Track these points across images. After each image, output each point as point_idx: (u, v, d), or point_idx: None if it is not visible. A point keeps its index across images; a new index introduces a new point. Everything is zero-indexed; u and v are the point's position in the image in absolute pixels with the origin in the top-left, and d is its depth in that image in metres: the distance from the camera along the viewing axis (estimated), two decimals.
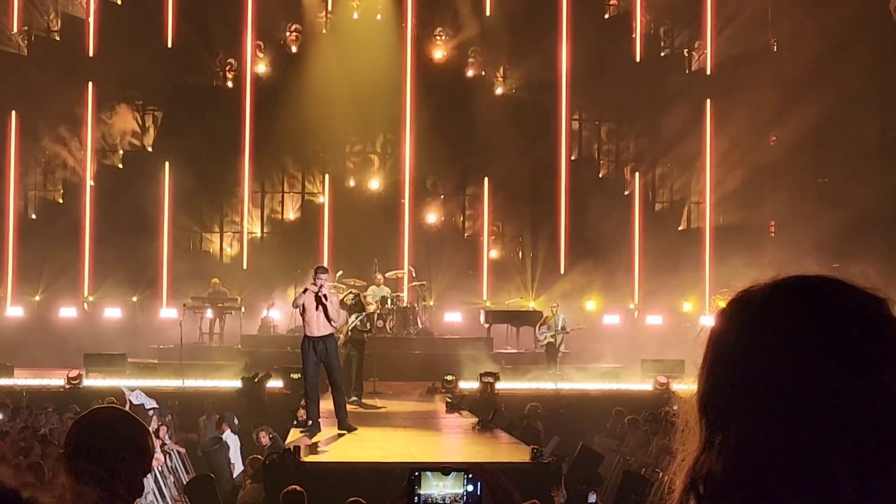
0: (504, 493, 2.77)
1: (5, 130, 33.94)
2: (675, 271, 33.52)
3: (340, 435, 17.37)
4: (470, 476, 2.82)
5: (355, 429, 17.57)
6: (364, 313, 23.21)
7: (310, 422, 17.49)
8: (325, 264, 28.62)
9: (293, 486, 11.22)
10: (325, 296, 17.33)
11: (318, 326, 17.36)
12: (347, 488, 11.99)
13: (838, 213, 31.21)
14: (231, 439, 19.32)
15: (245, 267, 34.08)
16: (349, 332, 23.10)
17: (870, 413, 1.55)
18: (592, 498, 14.15)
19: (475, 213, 36.77)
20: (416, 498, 2.82)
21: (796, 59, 34.95)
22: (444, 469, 2.84)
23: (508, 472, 11.27)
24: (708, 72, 35.71)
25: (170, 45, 34.10)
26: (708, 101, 35.51)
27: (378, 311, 27.27)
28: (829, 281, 1.73)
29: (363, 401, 22.65)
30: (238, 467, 18.32)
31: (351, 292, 23.97)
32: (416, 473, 2.86)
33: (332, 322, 17.67)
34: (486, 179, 35.29)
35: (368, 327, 23.33)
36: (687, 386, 1.81)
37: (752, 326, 1.67)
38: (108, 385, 23.93)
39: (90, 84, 34.13)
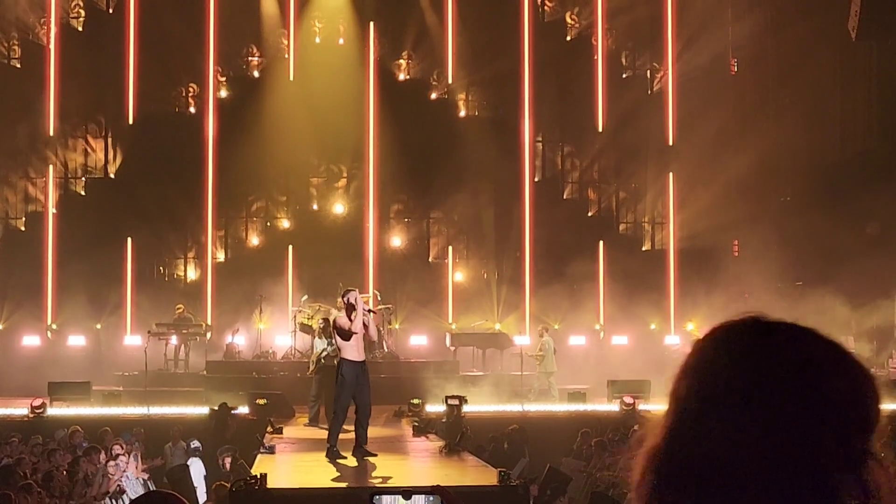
0: None
1: None
2: (639, 292, 33.62)
3: (308, 461, 17.26)
4: (431, 499, 2.78)
5: (375, 454, 17.27)
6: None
7: (329, 447, 17.14)
8: (292, 289, 28.68)
9: None
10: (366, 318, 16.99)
11: (361, 350, 17.13)
12: None
13: (800, 233, 31.38)
14: (196, 464, 19.18)
15: (209, 293, 33.93)
16: (321, 360, 23.02)
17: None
18: None
19: (440, 236, 36.82)
20: None
21: (757, 79, 35.23)
22: (405, 493, 2.79)
23: (476, 495, 11.25)
24: (670, 93, 35.88)
25: (131, 71, 33.97)
26: (670, 119, 35.70)
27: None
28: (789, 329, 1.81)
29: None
30: (202, 493, 18.18)
31: (324, 318, 23.86)
32: (376, 496, 2.82)
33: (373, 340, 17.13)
34: (449, 202, 35.35)
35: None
36: (654, 407, 1.90)
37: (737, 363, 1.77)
38: (72, 414, 23.75)
39: (51, 111, 33.95)
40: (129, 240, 33.66)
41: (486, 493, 13.68)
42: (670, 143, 35.72)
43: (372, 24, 35.24)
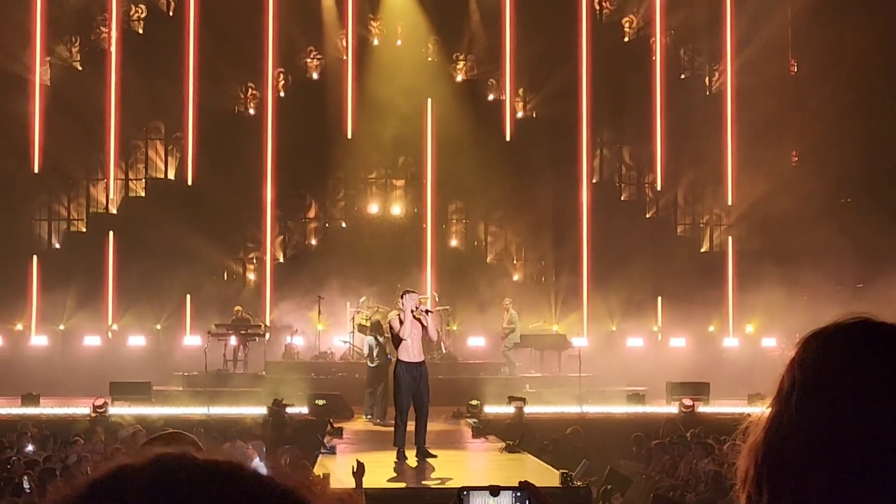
0: None
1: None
2: (698, 293, 33.48)
3: (369, 461, 17.29)
4: (518, 494, 2.79)
5: (435, 455, 17.30)
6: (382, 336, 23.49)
7: (398, 449, 17.19)
8: (360, 290, 29.01)
9: None
10: (420, 318, 17.02)
11: (417, 351, 17.20)
12: None
13: (860, 234, 31.11)
14: (259, 467, 19.26)
15: (268, 293, 34.10)
16: (377, 357, 23.41)
17: None
18: None
19: (498, 237, 36.82)
20: None
21: (817, 79, 34.95)
22: (493, 490, 2.81)
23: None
24: (728, 94, 35.68)
25: (191, 72, 34.18)
26: (729, 120, 35.49)
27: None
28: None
29: (386, 426, 22.57)
30: None
31: (377, 319, 24.37)
32: (465, 493, 2.84)
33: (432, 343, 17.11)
34: (507, 204, 35.39)
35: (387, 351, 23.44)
36: (713, 409, 2.00)
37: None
38: (133, 413, 23.97)
39: (112, 113, 34.24)
40: (189, 241, 33.86)
41: (550, 495, 13.65)
42: (728, 144, 35.48)
43: (430, 25, 35.33)
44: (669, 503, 15.65)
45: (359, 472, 10.71)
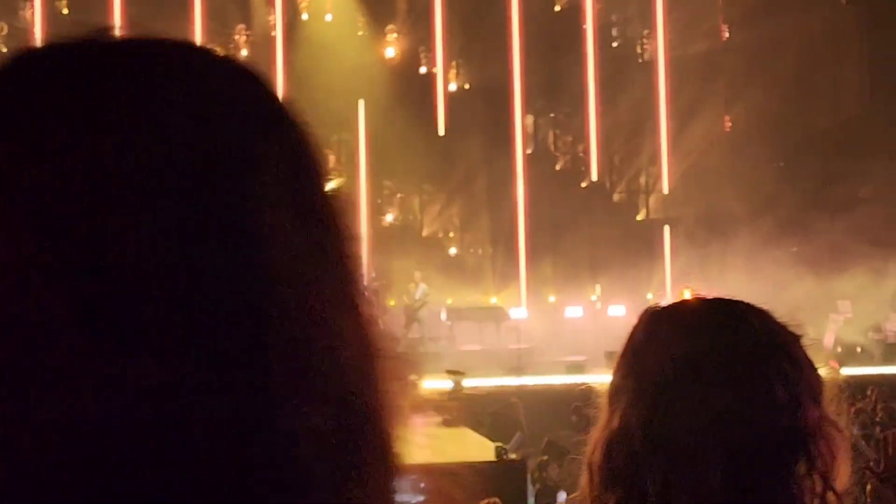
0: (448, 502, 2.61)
1: None
2: (635, 261, 33.52)
3: None
4: (414, 478, 2.64)
5: None
6: None
7: None
8: None
9: None
10: None
11: None
12: None
13: (793, 198, 31.29)
14: None
15: None
16: None
17: (737, 422, 1.73)
18: (562, 497, 14.00)
19: (433, 210, 36.70)
20: None
21: (748, 44, 35.05)
22: None
23: (474, 470, 11.06)
24: (661, 62, 35.68)
25: None
26: (661, 89, 35.50)
27: None
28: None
29: None
30: None
31: None
32: None
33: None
34: (441, 176, 35.28)
35: None
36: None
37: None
38: None
39: None
40: None
41: (484, 469, 13.59)
42: (662, 112, 35.49)
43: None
44: (563, 450, 15.53)
45: None
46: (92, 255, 0.76)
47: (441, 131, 34.72)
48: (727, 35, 37.31)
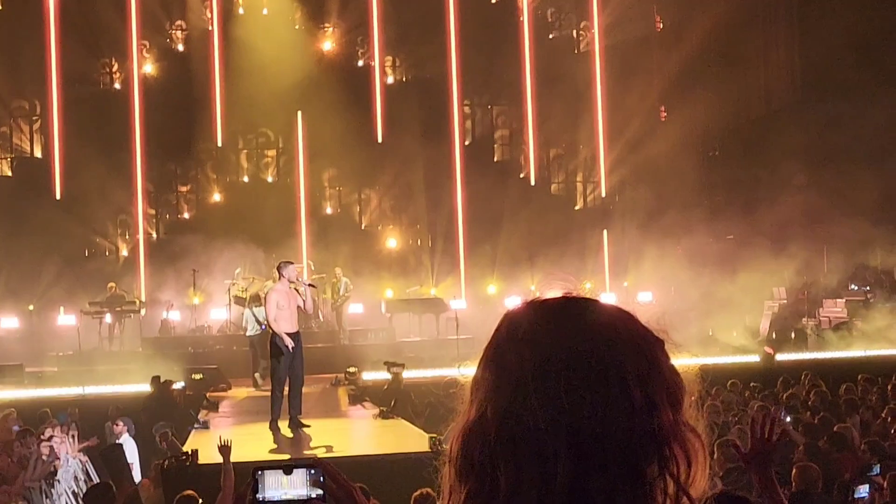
0: (345, 493, 2.69)
1: None
2: (574, 251, 33.74)
3: (242, 434, 17.20)
4: (312, 472, 2.68)
5: (308, 426, 17.19)
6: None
7: (272, 420, 17.10)
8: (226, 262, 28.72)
9: (187, 492, 11.10)
10: (298, 290, 16.95)
11: (294, 322, 17.06)
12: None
13: (728, 186, 31.62)
14: (128, 443, 18.99)
15: (142, 269, 33.67)
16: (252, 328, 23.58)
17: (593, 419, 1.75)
18: None
19: (372, 202, 36.80)
20: (257, 500, 2.69)
21: (681, 35, 35.38)
22: (286, 467, 2.68)
23: (409, 461, 11.24)
24: (596, 52, 35.95)
25: (53, 49, 33.50)
26: (598, 79, 35.77)
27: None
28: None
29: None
30: (137, 470, 18.05)
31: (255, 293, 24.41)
32: (259, 472, 2.71)
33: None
34: (380, 168, 35.34)
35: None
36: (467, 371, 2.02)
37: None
38: (4, 398, 23.49)
39: None
40: (59, 219, 33.25)
41: (420, 459, 13.68)
42: (598, 102, 35.77)
43: None
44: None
45: (223, 449, 10.68)
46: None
47: (379, 128, 34.87)
48: (661, 25, 37.67)
